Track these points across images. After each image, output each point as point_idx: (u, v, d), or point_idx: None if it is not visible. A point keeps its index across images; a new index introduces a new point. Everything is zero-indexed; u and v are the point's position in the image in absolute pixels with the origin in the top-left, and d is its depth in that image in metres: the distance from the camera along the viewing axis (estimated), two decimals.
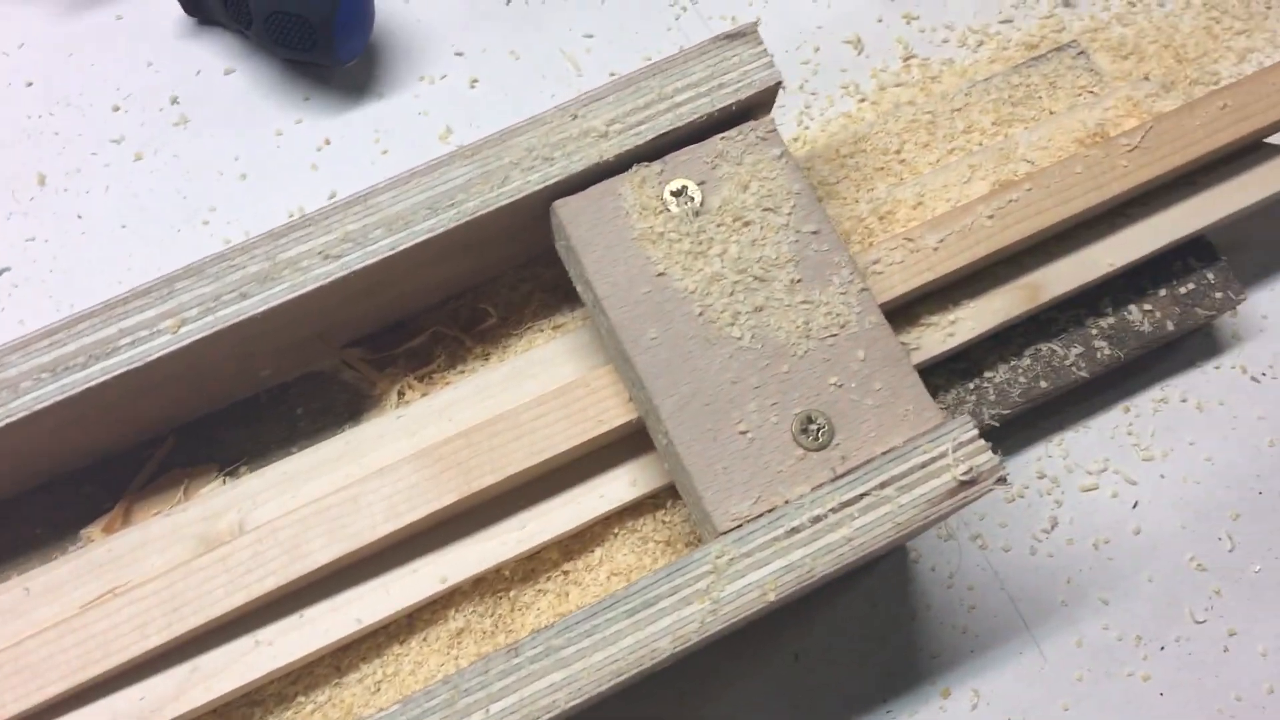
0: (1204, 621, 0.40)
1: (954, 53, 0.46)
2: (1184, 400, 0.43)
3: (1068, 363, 0.40)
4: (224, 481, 0.36)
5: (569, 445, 0.34)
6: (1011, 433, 0.42)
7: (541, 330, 0.38)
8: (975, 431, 0.32)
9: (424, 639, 0.34)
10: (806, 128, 0.44)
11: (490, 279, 0.38)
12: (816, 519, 0.31)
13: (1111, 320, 0.41)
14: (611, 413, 0.34)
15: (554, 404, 0.34)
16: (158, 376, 0.33)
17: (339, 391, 0.37)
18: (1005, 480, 0.31)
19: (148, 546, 0.34)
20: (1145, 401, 0.43)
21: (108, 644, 0.32)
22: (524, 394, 0.36)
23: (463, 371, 0.37)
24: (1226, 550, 0.41)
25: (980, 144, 0.41)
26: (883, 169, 0.41)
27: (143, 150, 0.43)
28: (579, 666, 0.30)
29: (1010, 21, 0.47)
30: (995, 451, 0.31)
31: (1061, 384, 0.40)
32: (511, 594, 0.35)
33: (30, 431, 0.32)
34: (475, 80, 0.44)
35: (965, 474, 0.31)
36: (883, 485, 0.31)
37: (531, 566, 0.35)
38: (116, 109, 0.43)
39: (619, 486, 0.35)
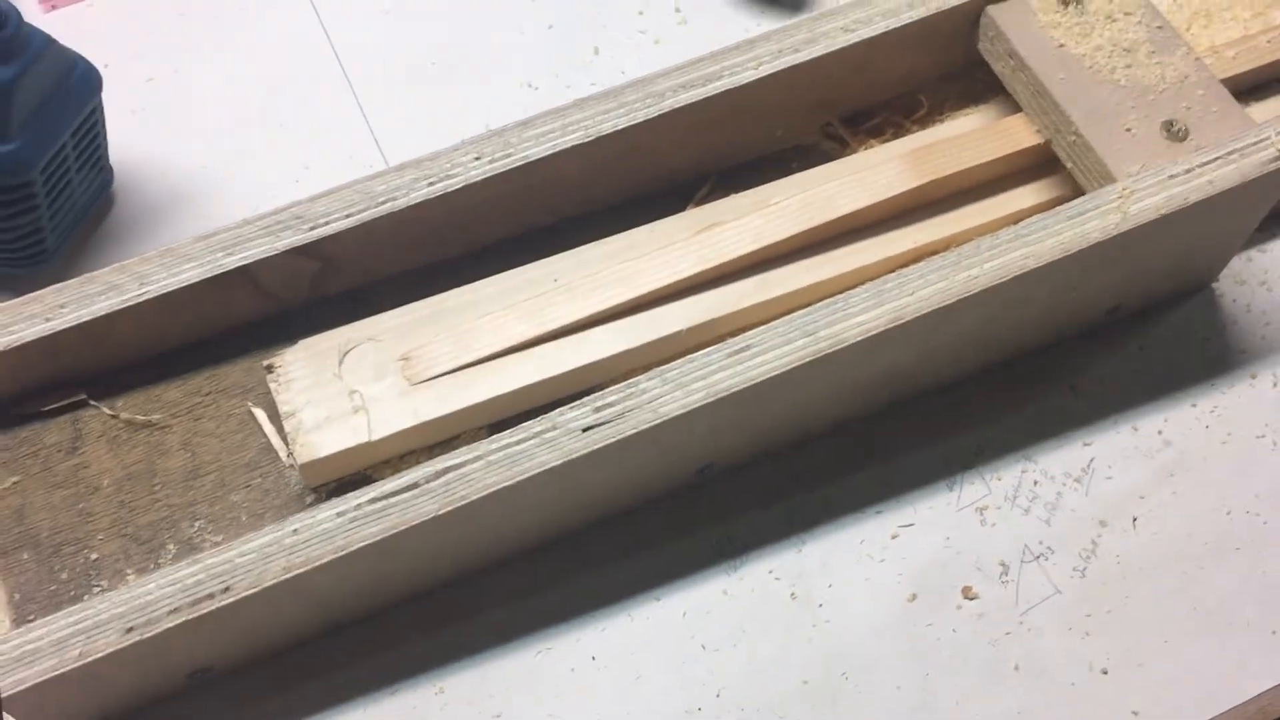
0: None
1: None
2: None
3: None
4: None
5: (992, 157, 0.51)
6: None
7: (959, 116, 0.55)
8: None
9: None
10: None
11: (920, 87, 0.56)
12: (1189, 170, 0.47)
13: None
14: (1024, 138, 0.51)
15: (978, 134, 0.52)
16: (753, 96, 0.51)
17: (820, 156, 0.55)
18: None
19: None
20: None
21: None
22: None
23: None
24: None
25: None
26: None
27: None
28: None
29: None
30: None
31: None
32: None
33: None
34: None
35: None
36: (1229, 154, 0.47)
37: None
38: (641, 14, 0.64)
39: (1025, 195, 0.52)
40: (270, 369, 0.47)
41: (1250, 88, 0.55)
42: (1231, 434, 0.52)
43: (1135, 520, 0.50)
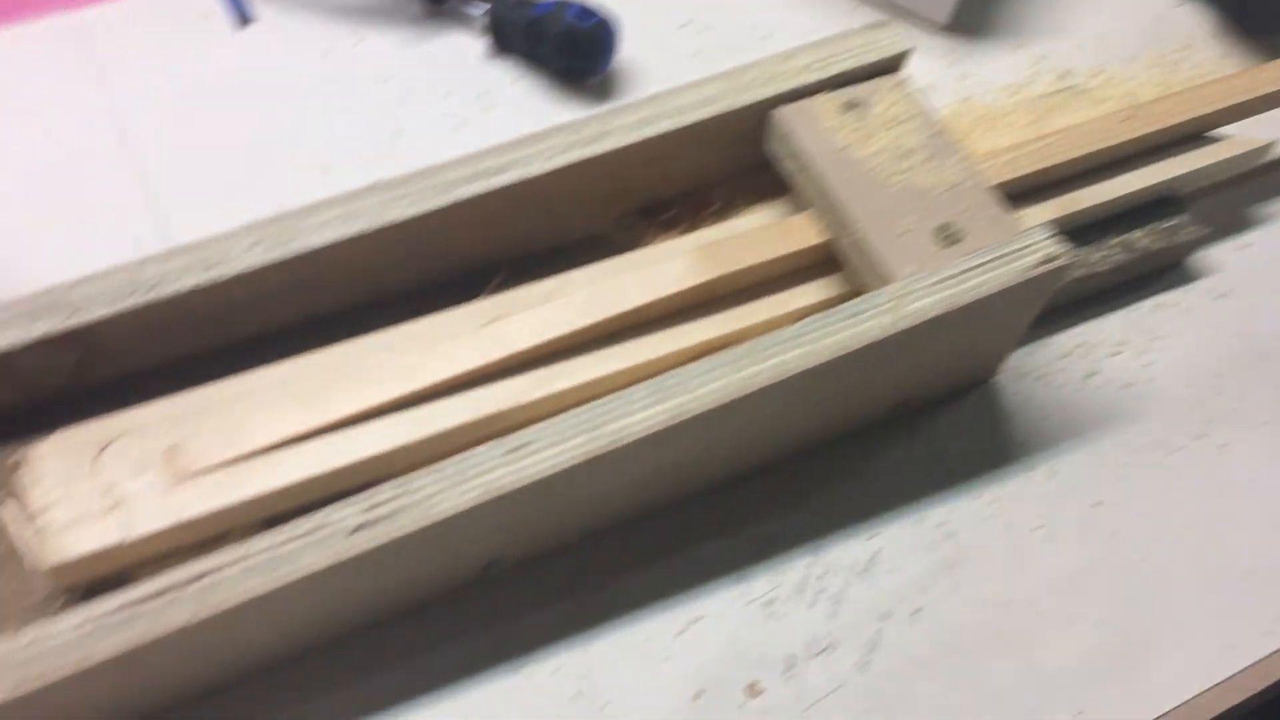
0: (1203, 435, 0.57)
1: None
2: (1175, 305, 0.61)
3: (1094, 260, 0.59)
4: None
5: (777, 254, 0.52)
6: (1057, 318, 0.60)
7: (750, 213, 0.56)
8: (1053, 232, 0.50)
9: None
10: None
11: (713, 183, 0.57)
12: (961, 273, 0.49)
13: (1119, 240, 0.60)
14: (808, 236, 0.53)
15: (765, 231, 0.53)
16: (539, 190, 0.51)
17: (613, 248, 0.55)
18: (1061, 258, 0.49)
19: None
20: (1148, 305, 0.61)
21: None
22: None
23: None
24: (1217, 395, 0.58)
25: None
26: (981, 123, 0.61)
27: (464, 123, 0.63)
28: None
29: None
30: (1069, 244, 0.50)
31: (1097, 273, 0.59)
32: None
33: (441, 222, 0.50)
34: None
35: (1047, 255, 0.49)
36: (998, 258, 0.49)
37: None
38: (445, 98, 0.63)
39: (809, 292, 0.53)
40: (19, 464, 0.44)
41: (1023, 192, 0.58)
42: (1010, 525, 0.54)
43: (917, 611, 0.51)
